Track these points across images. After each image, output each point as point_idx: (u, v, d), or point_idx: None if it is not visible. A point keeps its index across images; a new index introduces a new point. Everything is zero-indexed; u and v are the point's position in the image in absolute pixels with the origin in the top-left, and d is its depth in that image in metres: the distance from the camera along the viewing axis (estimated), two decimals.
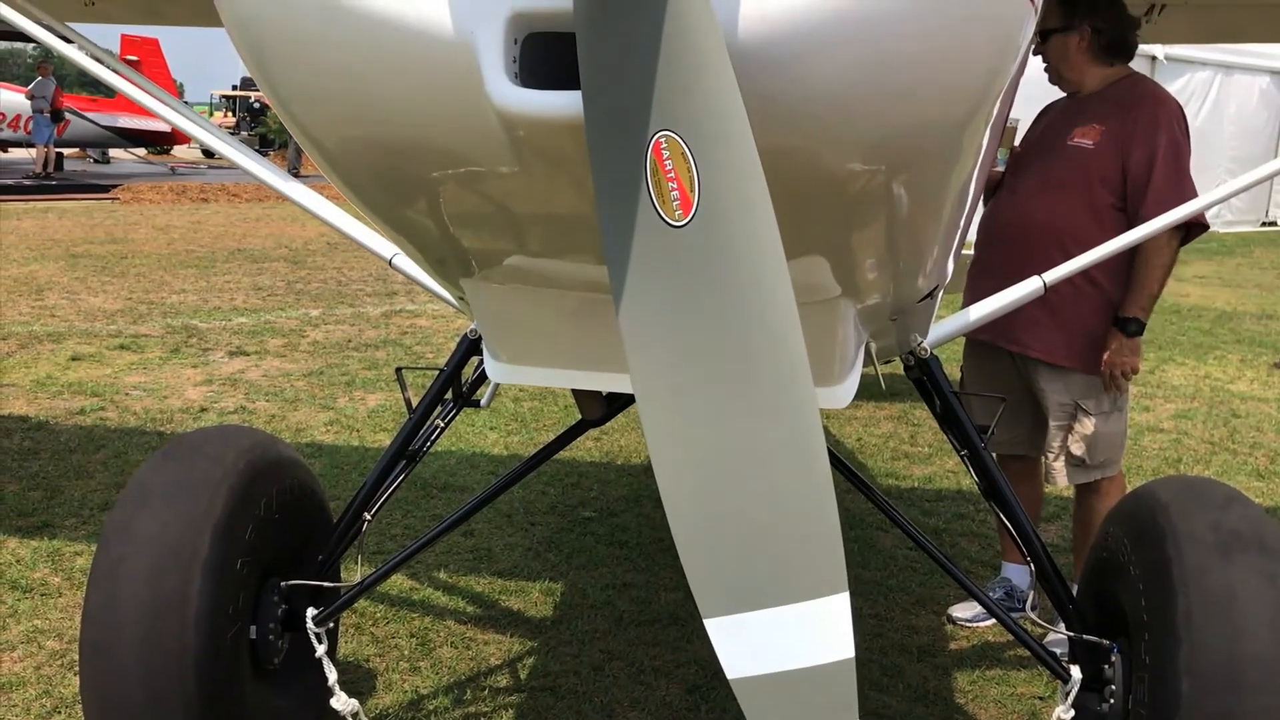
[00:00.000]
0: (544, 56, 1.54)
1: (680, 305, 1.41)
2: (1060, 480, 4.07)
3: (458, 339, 3.11)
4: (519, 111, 1.52)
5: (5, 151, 27.63)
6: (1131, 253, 3.72)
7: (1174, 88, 17.91)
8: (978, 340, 4.15)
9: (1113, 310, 3.88)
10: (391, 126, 1.71)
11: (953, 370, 3.52)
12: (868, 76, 1.53)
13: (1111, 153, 3.78)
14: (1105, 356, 3.87)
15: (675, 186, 1.33)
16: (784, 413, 1.45)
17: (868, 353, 2.84)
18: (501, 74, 1.52)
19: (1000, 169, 4.02)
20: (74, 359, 7.96)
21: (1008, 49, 1.64)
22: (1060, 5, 3.73)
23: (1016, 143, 4.10)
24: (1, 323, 9.12)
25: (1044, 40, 3.84)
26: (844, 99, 1.54)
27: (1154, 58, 17.25)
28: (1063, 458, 4.02)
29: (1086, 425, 3.96)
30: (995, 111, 1.80)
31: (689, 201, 1.33)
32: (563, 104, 1.49)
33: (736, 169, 1.34)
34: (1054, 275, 3.09)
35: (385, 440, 6.26)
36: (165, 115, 3.68)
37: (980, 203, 4.04)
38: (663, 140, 1.33)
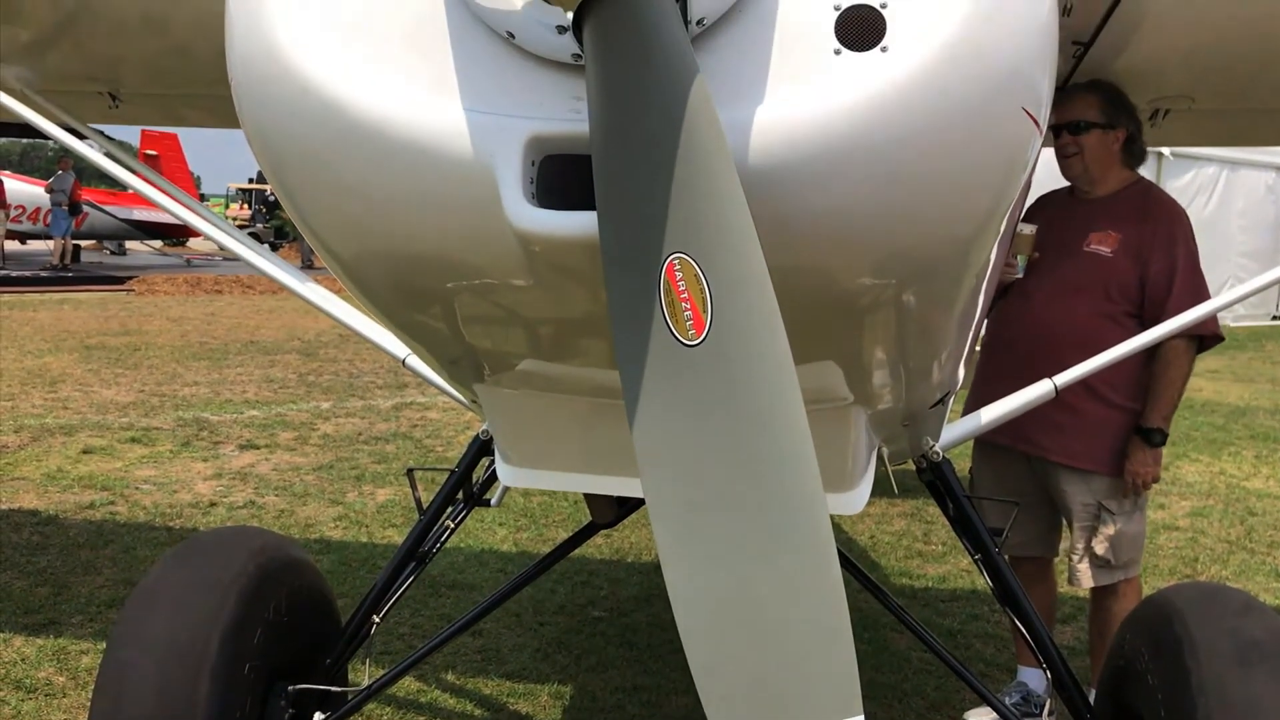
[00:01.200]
0: (560, 176, 1.57)
1: (694, 423, 1.41)
2: (1085, 582, 4.03)
3: (467, 435, 3.12)
4: (536, 231, 1.55)
5: (23, 243, 28.06)
6: (1145, 359, 3.77)
7: (1181, 183, 18.13)
8: (990, 443, 4.12)
9: (1131, 414, 3.90)
10: (409, 241, 1.74)
11: (960, 464, 3.52)
12: (877, 197, 1.56)
13: (1129, 262, 3.83)
14: (1129, 466, 3.87)
15: (689, 307, 1.35)
16: (797, 530, 1.44)
17: (880, 456, 2.84)
18: (519, 195, 1.55)
19: (1020, 275, 3.99)
20: (85, 452, 7.98)
21: (1014, 168, 1.68)
22: (1105, 102, 3.77)
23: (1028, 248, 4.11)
24: (15, 415, 9.17)
25: (1083, 132, 3.84)
26: (853, 219, 1.57)
27: (1160, 154, 17.45)
28: (1087, 559, 3.99)
29: (1110, 526, 3.94)
30: (1002, 227, 1.82)
31: (702, 322, 1.35)
32: (578, 224, 1.52)
33: (749, 290, 1.35)
34: (1065, 378, 3.10)
35: (394, 536, 6.23)
36: (180, 214, 3.76)
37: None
38: (676, 262, 1.35)
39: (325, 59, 1.62)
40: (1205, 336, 3.86)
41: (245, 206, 42.01)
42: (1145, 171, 4.34)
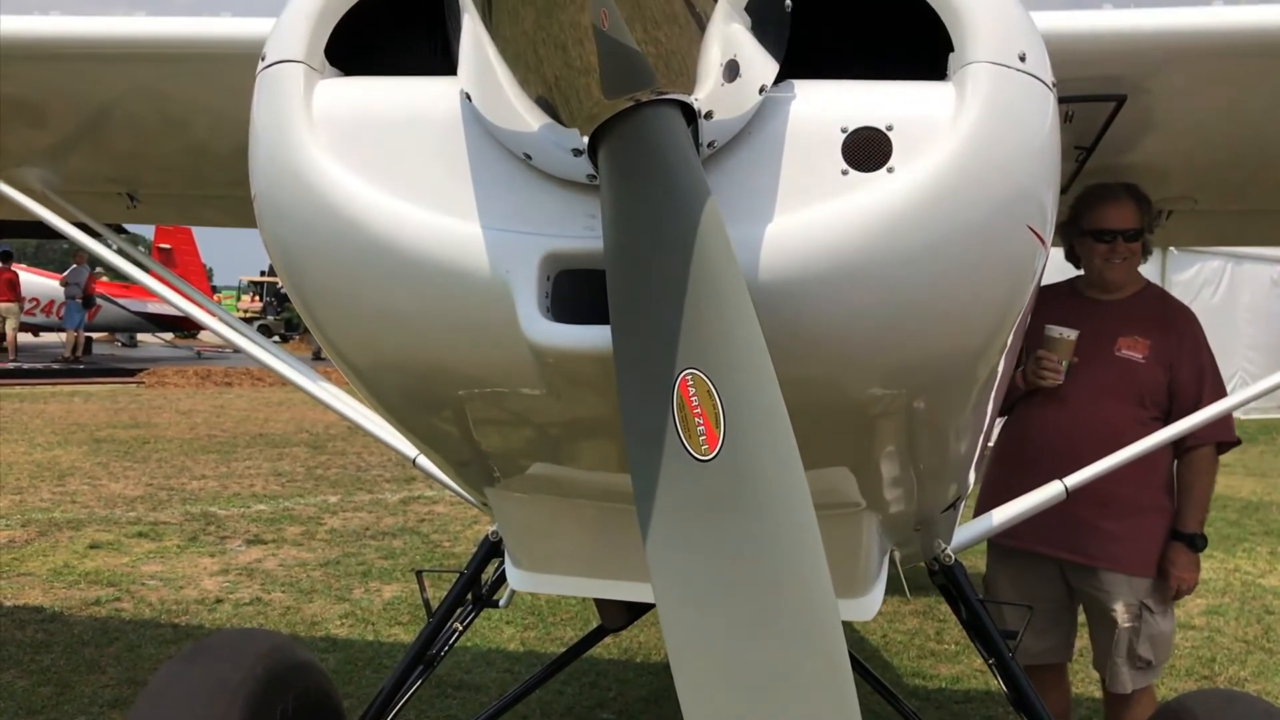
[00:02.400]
0: (575, 290, 1.61)
1: (706, 536, 1.42)
2: (1128, 685, 3.99)
3: (475, 530, 3.12)
4: (551, 345, 1.58)
5: (36, 336, 28.27)
6: (1168, 463, 3.89)
7: (1185, 276, 18.21)
8: (1015, 549, 4.07)
9: (1168, 515, 3.95)
10: (425, 353, 1.76)
11: (971, 561, 3.50)
12: (885, 312, 1.58)
13: (1159, 369, 3.89)
14: (1174, 572, 3.91)
15: (701, 422, 1.37)
16: (810, 640, 1.44)
17: (892, 560, 2.83)
18: (535, 310, 1.58)
19: (1062, 380, 3.93)
20: (92, 547, 7.95)
21: (1020, 284, 1.71)
22: (1142, 207, 3.81)
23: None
24: (23, 509, 9.16)
25: (1134, 239, 3.88)
26: (862, 333, 1.60)
27: (1165, 247, 17.58)
28: (1129, 662, 3.96)
29: (1153, 625, 3.94)
30: (1009, 340, 1.85)
31: (715, 437, 1.36)
32: (593, 338, 1.55)
33: (761, 406, 1.37)
34: (1076, 480, 3.10)
35: (400, 635, 6.17)
36: (191, 312, 3.82)
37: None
38: (689, 378, 1.37)
39: (346, 177, 1.66)
40: (1226, 442, 3.98)
41: (256, 299, 42.33)
42: (1151, 265, 4.39)
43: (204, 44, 2.83)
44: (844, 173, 1.57)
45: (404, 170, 1.67)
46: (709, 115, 1.50)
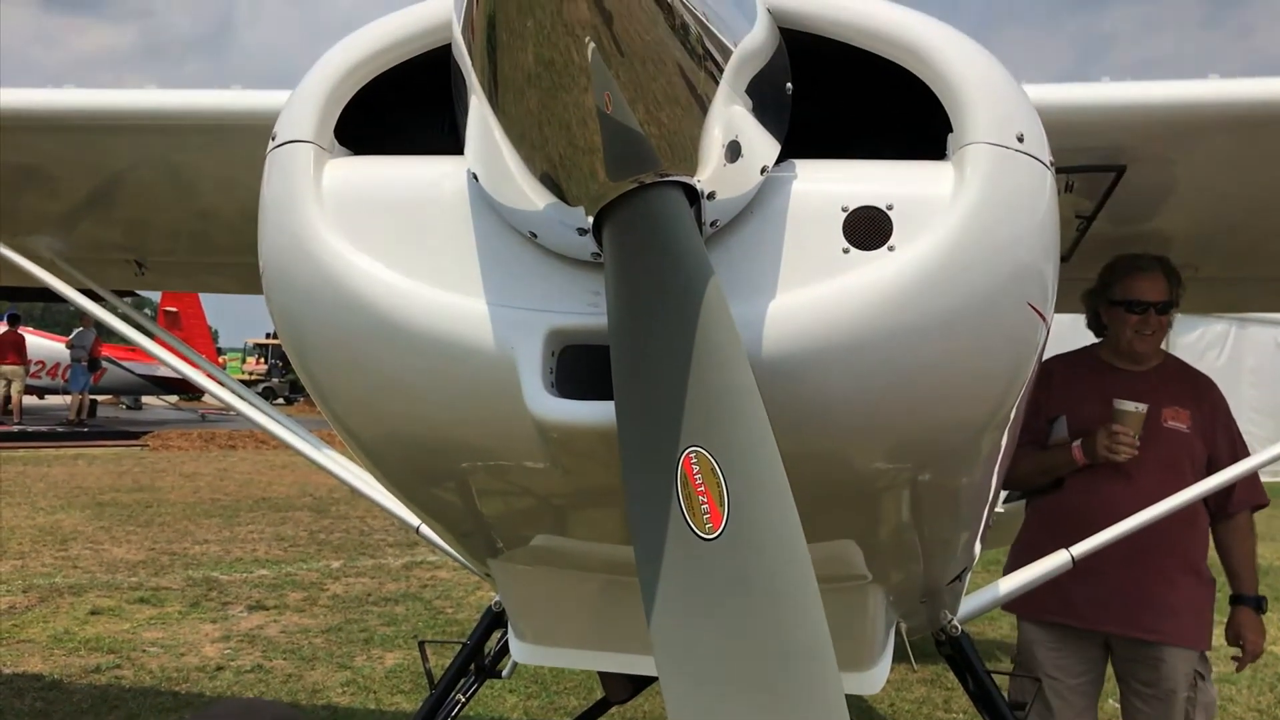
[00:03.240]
0: (580, 365, 1.62)
1: (710, 613, 1.41)
2: None
3: (478, 596, 3.10)
4: (555, 420, 1.59)
5: (41, 398, 28.29)
6: (1200, 528, 4.00)
7: (1189, 339, 18.22)
8: (1058, 623, 4.02)
9: (1212, 586, 4.02)
10: (429, 426, 1.77)
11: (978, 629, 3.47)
12: (887, 389, 1.59)
13: (1200, 438, 3.95)
14: (1248, 637, 4.00)
15: (705, 501, 1.37)
16: (813, 717, 1.43)
17: (898, 632, 2.81)
18: (539, 386, 1.59)
19: (1136, 452, 3.86)
20: (93, 613, 7.90)
21: (1022, 361, 1.72)
22: (1172, 279, 3.84)
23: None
24: (25, 574, 9.11)
25: (1166, 312, 3.92)
26: (864, 409, 1.61)
27: None
28: None
29: (1206, 692, 3.97)
30: (1012, 414, 1.85)
31: (719, 516, 1.36)
32: (597, 414, 1.56)
33: (764, 485, 1.37)
34: (1083, 549, 3.09)
35: (402, 703, 6.10)
36: (194, 378, 3.83)
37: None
38: (693, 456, 1.37)
39: (353, 254, 1.69)
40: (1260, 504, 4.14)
41: (261, 361, 42.46)
42: None
43: (214, 115, 2.88)
44: (845, 251, 1.59)
45: (411, 247, 1.69)
46: (711, 195, 1.52)
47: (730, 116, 1.47)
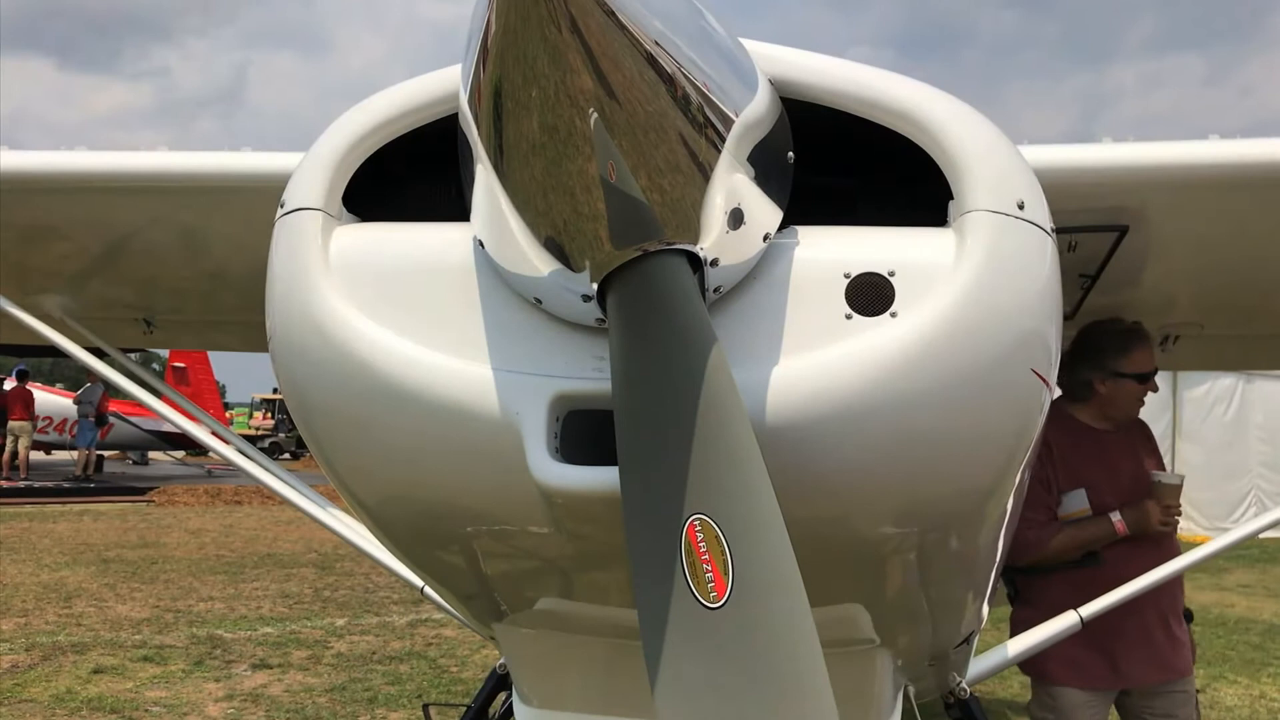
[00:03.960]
0: (584, 430, 1.62)
1: (714, 682, 1.40)
2: None
3: (483, 655, 3.08)
4: (559, 486, 1.59)
5: (48, 454, 28.31)
6: None
7: (1197, 394, 18.15)
8: (1103, 688, 4.04)
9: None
10: (433, 491, 1.77)
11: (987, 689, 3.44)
12: (890, 454, 1.60)
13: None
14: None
15: (710, 570, 1.36)
16: None
17: (906, 695, 2.78)
18: (544, 451, 1.60)
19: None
20: (96, 671, 7.84)
21: (1026, 426, 1.72)
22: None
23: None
24: (28, 632, 9.06)
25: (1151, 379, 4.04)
26: (869, 474, 1.61)
27: (1174, 371, 17.58)
28: None
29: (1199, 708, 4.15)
30: (1018, 479, 1.85)
31: (723, 585, 1.36)
32: (601, 479, 1.56)
33: (769, 554, 1.37)
34: (1091, 610, 3.08)
35: None
36: (200, 437, 3.84)
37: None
38: (697, 524, 1.37)
39: (360, 320, 1.70)
40: None
41: (269, 415, 42.46)
42: (1163, 383, 4.49)
43: (223, 177, 2.91)
44: (848, 317, 1.60)
45: (417, 314, 1.70)
46: (714, 262, 1.54)
47: (732, 184, 1.48)
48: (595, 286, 1.49)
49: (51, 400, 27.61)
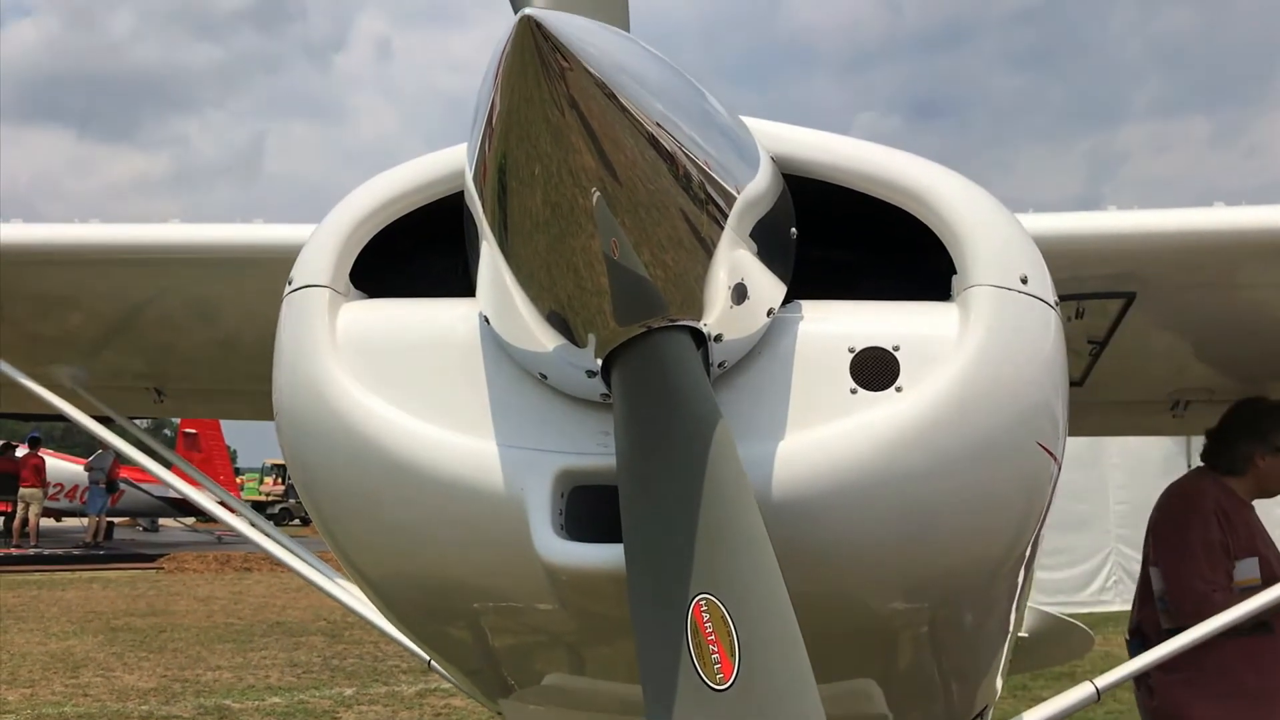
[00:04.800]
0: (590, 506, 1.61)
1: None
2: None
3: None
4: (564, 564, 1.58)
5: (58, 520, 28.27)
6: None
7: None
8: None
9: None
10: (438, 567, 1.76)
11: None
12: (897, 529, 1.59)
13: None
14: None
15: (716, 650, 1.35)
16: None
17: None
18: (548, 528, 1.59)
19: None
20: None
21: (1034, 500, 1.71)
22: None
23: None
24: (34, 703, 8.99)
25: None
26: (876, 549, 1.60)
27: (1188, 437, 17.40)
28: None
29: None
30: (1028, 552, 1.84)
31: (730, 666, 1.34)
32: (607, 557, 1.55)
33: (776, 634, 1.36)
34: (1107, 681, 3.03)
35: None
36: (208, 507, 3.84)
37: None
38: (703, 604, 1.36)
39: (366, 397, 1.70)
40: None
41: (279, 481, 42.39)
42: (1178, 450, 4.52)
43: (237, 249, 2.94)
44: (853, 391, 1.60)
45: (423, 390, 1.70)
46: (719, 338, 1.54)
47: (735, 260, 1.49)
48: (600, 362, 1.49)
49: (62, 466, 27.62)
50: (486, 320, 1.66)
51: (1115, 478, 14.50)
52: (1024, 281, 1.65)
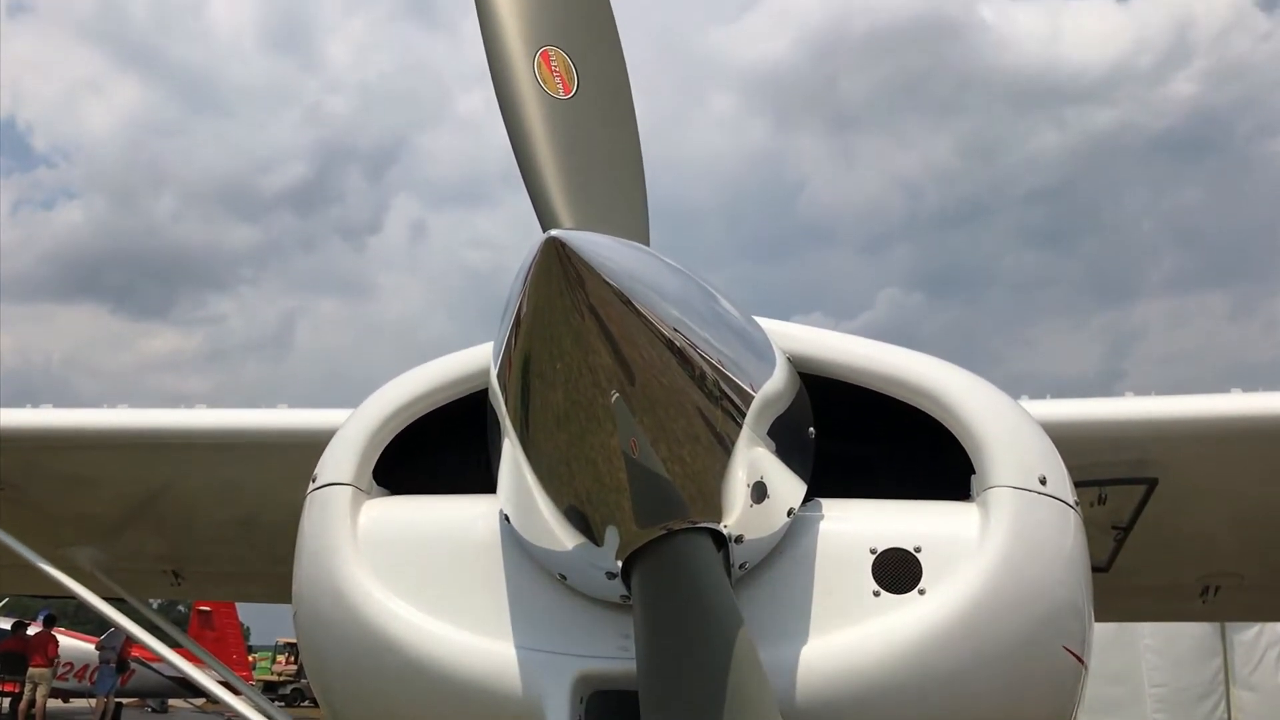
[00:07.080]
0: (609, 711, 1.59)
1: None
2: None
3: None
4: None
5: (65, 701, 27.66)
6: None
7: (1246, 637, 17.42)
8: None
9: None
10: None
11: None
12: None
13: None
14: None
15: None
16: None
17: None
18: None
19: None
20: None
21: (1063, 701, 1.68)
22: None
23: None
24: None
25: None
26: None
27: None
28: None
29: None
30: None
31: None
32: None
33: None
34: None
35: None
36: (216, 693, 3.77)
37: None
38: None
39: (386, 596, 1.71)
40: None
41: (292, 660, 41.55)
42: (1214, 637, 4.40)
43: (261, 434, 2.98)
44: (875, 594, 1.59)
45: (443, 589, 1.71)
46: (739, 539, 1.54)
47: (754, 459, 1.50)
48: (620, 563, 1.49)
49: (73, 645, 27.15)
50: (507, 519, 1.66)
51: (1149, 659, 14.13)
52: (1043, 482, 1.65)
